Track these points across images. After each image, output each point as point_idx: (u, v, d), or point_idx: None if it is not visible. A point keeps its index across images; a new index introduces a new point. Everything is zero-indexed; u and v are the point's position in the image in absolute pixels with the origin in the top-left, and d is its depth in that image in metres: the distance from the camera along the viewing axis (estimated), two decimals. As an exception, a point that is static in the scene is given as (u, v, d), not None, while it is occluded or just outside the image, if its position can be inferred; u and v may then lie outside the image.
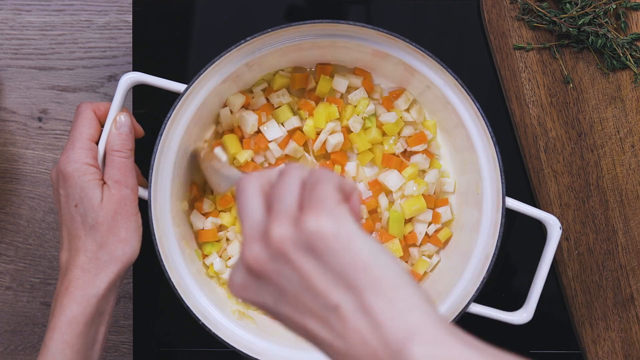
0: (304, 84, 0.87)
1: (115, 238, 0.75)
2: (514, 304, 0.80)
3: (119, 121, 0.78)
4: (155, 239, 0.78)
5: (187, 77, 0.91)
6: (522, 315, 0.78)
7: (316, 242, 0.45)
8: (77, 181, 0.75)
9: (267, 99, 0.87)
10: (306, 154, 0.87)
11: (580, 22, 0.87)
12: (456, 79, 0.79)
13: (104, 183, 0.76)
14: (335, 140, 0.85)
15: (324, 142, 0.86)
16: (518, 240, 0.91)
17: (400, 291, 0.45)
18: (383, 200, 0.87)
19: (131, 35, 0.93)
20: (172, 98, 0.79)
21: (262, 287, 0.48)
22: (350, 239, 0.45)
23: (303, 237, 0.45)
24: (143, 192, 0.79)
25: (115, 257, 0.75)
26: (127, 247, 0.76)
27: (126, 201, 0.76)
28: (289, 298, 0.47)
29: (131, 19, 0.93)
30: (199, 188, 0.87)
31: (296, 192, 0.48)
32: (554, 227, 0.79)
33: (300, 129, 0.86)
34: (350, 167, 0.87)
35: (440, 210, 0.86)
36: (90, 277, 0.74)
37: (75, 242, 0.75)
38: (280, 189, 0.48)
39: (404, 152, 0.87)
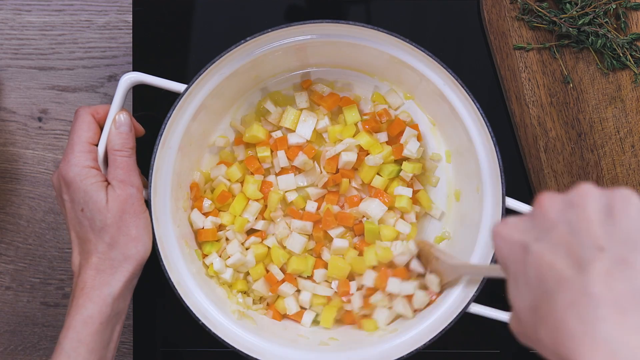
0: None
1: (126, 237, 0.75)
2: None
3: (118, 120, 0.78)
4: (155, 239, 0.78)
5: (187, 76, 0.91)
6: (522, 315, 0.78)
7: (618, 203, 0.48)
8: (80, 185, 0.75)
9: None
10: (316, 165, 0.87)
11: (580, 22, 0.87)
12: (456, 79, 0.79)
13: (108, 184, 0.76)
14: (348, 158, 0.85)
15: (336, 156, 0.86)
16: (518, 240, 0.91)
17: None
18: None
19: (131, 35, 0.93)
20: (172, 98, 0.79)
21: (532, 226, 0.51)
22: None
23: (608, 196, 0.49)
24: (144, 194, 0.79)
25: (128, 255, 0.75)
26: (139, 244, 0.76)
27: (133, 200, 0.76)
28: (553, 236, 0.49)
29: (131, 19, 0.93)
30: (198, 188, 0.87)
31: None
32: (554, 227, 0.79)
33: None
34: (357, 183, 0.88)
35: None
36: (106, 277, 0.74)
37: (87, 245, 0.75)
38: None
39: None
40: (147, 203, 0.79)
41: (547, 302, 0.48)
